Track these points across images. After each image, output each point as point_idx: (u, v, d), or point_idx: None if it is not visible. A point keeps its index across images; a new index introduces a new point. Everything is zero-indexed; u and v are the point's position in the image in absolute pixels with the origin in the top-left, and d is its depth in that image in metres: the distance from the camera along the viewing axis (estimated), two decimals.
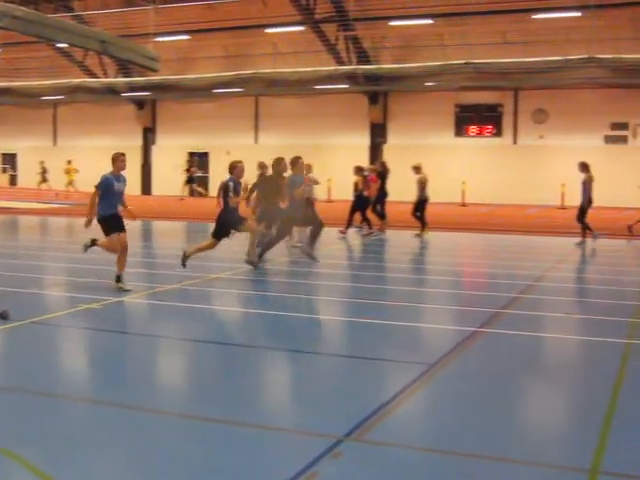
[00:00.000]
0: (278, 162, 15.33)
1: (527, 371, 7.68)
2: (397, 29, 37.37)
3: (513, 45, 34.20)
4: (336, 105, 41.12)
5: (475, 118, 39.57)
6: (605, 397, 6.63)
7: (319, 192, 21.59)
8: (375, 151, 40.67)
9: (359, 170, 21.97)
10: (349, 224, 21.52)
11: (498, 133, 39.40)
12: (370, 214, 21.95)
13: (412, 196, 21.67)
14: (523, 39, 33.85)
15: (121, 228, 11.73)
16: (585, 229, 19.69)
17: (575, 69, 32.90)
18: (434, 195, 22.87)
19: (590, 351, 8.79)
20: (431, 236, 21.35)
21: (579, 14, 32.12)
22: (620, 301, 11.58)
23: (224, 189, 13.23)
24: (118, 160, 11.77)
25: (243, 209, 13.98)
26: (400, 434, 5.73)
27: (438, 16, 35.44)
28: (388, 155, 37.41)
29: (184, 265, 13.25)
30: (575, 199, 21.14)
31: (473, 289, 13.58)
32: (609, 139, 37.10)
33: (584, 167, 19.57)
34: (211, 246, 13.50)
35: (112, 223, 11.67)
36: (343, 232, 21.33)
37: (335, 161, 37.99)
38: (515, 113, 39.03)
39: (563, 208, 32.71)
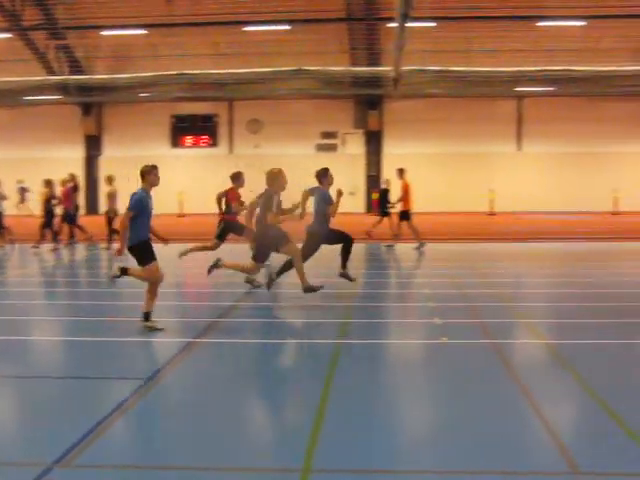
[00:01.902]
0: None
1: (241, 378, 7.77)
2: (110, 39, 36.66)
3: (226, 56, 34.69)
4: (48, 117, 39.58)
5: (191, 128, 39.76)
6: (316, 395, 6.86)
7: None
8: (91, 164, 39.71)
9: (48, 183, 21.55)
10: (44, 238, 21.32)
11: (214, 143, 39.82)
12: (69, 227, 22.05)
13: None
14: (236, 51, 34.45)
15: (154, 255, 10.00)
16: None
17: (286, 80, 34.03)
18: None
19: (303, 353, 9.09)
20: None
21: (289, 27, 33.17)
22: (332, 303, 12.03)
23: (266, 204, 11.65)
24: (151, 174, 9.94)
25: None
26: (113, 454, 5.58)
27: (151, 26, 35.16)
28: (104, 167, 36.68)
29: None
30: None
31: (190, 300, 13.57)
32: (320, 147, 38.72)
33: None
34: (252, 269, 12.14)
35: (149, 249, 9.85)
36: (36, 246, 21.11)
37: (53, 176, 36.46)
38: (230, 123, 39.66)
39: None
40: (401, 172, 20.54)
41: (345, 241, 12.82)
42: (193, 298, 13.79)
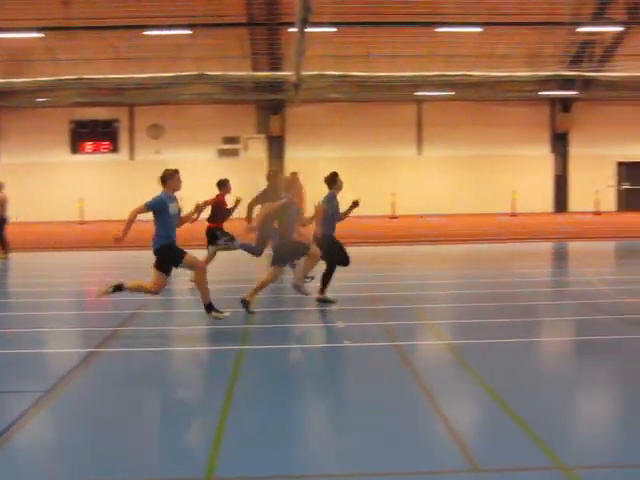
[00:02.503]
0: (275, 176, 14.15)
1: (145, 386, 7.68)
2: (4, 42, 35.66)
3: (127, 61, 34.17)
4: None
5: (91, 134, 38.99)
6: (219, 403, 6.82)
7: None
8: None
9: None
10: None
11: (115, 149, 39.16)
12: None
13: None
14: (136, 55, 33.96)
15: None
16: None
17: (187, 85, 33.73)
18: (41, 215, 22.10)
19: (205, 359, 9.03)
20: (19, 258, 20.60)
21: (190, 32, 32.89)
22: (236, 309, 11.99)
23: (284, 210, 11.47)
24: (173, 178, 10.02)
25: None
26: (8, 471, 5.44)
27: (48, 29, 34.34)
28: (2, 175, 35.71)
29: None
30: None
31: (91, 309, 13.32)
32: (222, 152, 38.54)
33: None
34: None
35: (171, 256, 9.94)
36: None
37: None
38: (131, 129, 39.09)
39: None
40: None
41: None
42: (93, 307, 13.54)
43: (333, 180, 12.72)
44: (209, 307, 10.32)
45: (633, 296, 12.69)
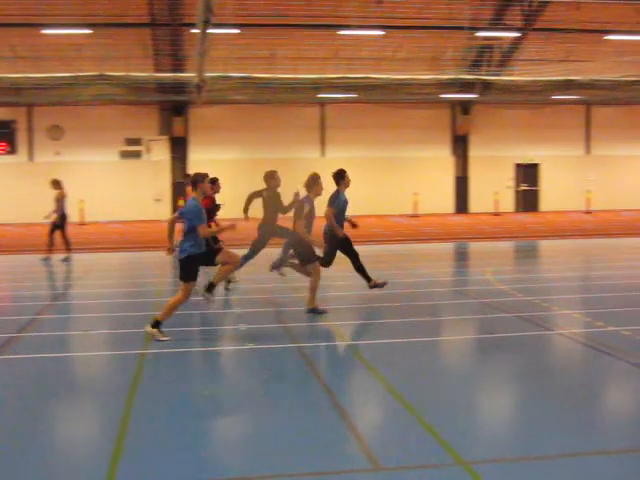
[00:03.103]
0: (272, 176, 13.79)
1: (47, 394, 7.52)
2: None
3: (24, 60, 33.35)
4: None
5: None
6: (120, 409, 6.72)
7: None
8: None
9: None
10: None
11: (13, 151, 38.13)
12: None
13: None
14: (34, 54, 33.17)
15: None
16: (51, 245, 19.66)
17: (87, 86, 33.04)
18: None
19: (106, 364, 8.88)
20: None
21: (90, 31, 32.29)
22: (132, 312, 11.83)
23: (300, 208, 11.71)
24: (204, 182, 9.88)
25: None
26: None
27: None
28: None
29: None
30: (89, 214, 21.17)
31: None
32: (124, 154, 37.96)
33: (56, 184, 19.75)
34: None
35: (194, 269, 9.72)
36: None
37: None
38: (30, 130, 38.12)
39: (84, 224, 32.78)
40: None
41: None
42: None
43: (340, 176, 12.86)
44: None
45: (530, 294, 13.03)
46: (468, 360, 9.12)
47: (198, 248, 9.64)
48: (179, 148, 38.41)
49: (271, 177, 14.01)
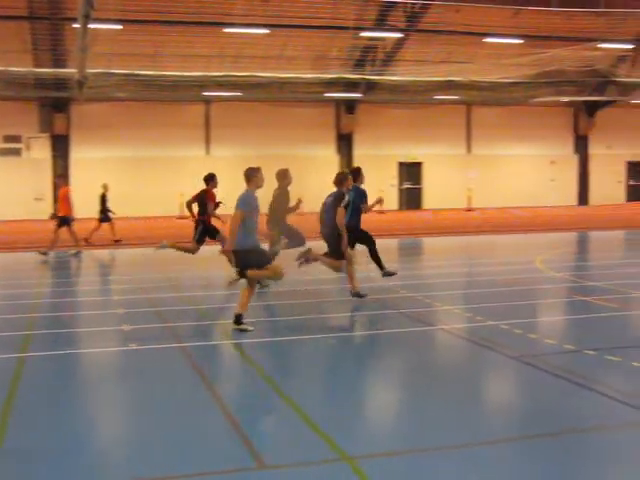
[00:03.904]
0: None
1: None
2: None
3: None
4: None
5: None
6: None
7: None
8: None
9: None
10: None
11: None
12: None
13: None
14: None
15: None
16: None
17: None
18: None
19: None
20: None
21: None
22: (9, 315, 11.52)
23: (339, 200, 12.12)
24: (257, 176, 10.22)
25: None
26: None
27: None
28: None
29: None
30: None
31: None
32: (3, 152, 36.80)
33: None
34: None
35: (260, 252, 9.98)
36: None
37: None
38: None
39: None
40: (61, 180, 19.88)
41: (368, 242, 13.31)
42: None
43: (357, 174, 13.51)
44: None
45: (412, 291, 13.28)
46: (353, 356, 9.22)
47: (254, 240, 10.01)
48: (60, 146, 37.47)
49: (283, 176, 14.46)
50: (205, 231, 14.95)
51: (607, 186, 45.80)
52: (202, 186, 15.18)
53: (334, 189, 12.60)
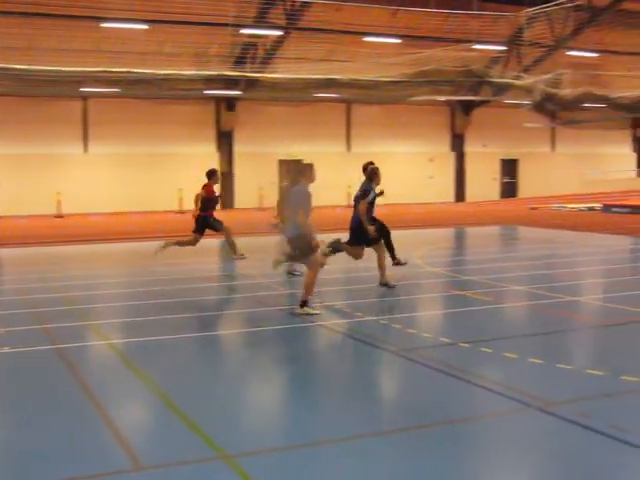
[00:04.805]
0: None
1: None
2: None
3: None
4: None
5: None
6: None
7: None
8: None
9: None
10: None
11: None
12: None
13: None
14: None
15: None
16: None
17: None
18: None
19: None
20: None
21: None
22: None
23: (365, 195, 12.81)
24: (312, 170, 11.31)
25: None
26: None
27: None
28: None
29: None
30: None
31: None
32: None
33: None
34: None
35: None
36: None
37: None
38: None
39: None
40: None
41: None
42: None
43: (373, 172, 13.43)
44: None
45: (290, 288, 13.35)
46: (233, 354, 9.21)
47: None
48: None
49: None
50: (206, 224, 16.01)
51: (483, 183, 47.17)
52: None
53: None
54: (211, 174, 16.18)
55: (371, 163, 13.47)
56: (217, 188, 16.54)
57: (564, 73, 34.11)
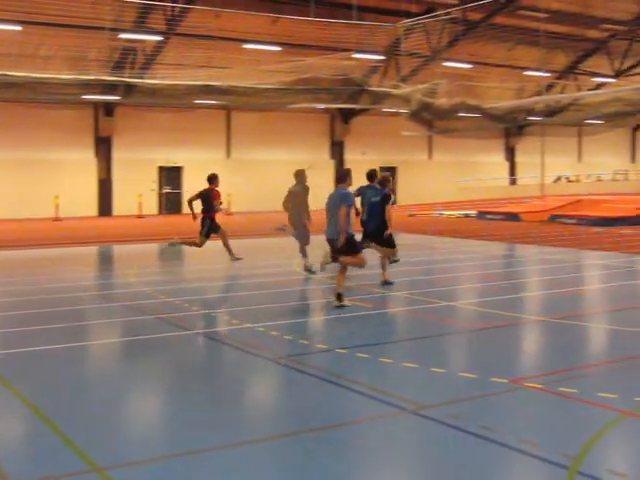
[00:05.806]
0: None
1: None
2: None
3: None
4: None
5: None
6: None
7: None
8: None
9: None
10: None
11: None
12: None
13: None
14: None
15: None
16: None
17: None
18: None
19: None
20: None
21: None
22: None
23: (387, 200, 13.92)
24: (351, 177, 12.25)
25: None
26: None
27: None
28: None
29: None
30: None
31: None
32: None
33: None
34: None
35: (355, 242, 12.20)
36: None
37: None
38: None
39: None
40: None
41: None
42: None
43: (384, 178, 14.52)
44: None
45: (171, 296, 13.22)
46: (110, 365, 9.06)
47: (351, 228, 11.98)
48: None
49: (302, 174, 15.96)
50: (212, 226, 17.00)
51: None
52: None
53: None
54: (213, 178, 17.16)
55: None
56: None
57: (440, 83, 34.92)
